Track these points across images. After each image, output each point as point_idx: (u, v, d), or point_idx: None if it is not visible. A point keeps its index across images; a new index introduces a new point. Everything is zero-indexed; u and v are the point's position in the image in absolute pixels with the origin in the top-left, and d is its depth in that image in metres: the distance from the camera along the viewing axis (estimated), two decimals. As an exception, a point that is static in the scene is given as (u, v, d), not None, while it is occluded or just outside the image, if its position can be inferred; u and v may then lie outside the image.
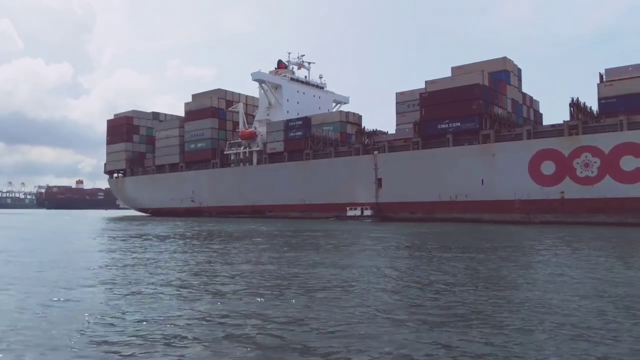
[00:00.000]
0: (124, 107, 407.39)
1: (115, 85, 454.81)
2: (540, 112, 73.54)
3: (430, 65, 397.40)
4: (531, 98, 71.17)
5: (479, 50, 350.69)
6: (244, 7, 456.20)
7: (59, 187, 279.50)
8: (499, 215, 53.68)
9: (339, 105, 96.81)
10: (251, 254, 23.45)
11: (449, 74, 64.32)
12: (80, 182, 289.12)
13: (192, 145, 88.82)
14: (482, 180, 55.40)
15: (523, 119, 66.22)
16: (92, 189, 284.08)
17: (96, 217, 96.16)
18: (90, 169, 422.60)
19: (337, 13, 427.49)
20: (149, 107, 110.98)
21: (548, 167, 51.58)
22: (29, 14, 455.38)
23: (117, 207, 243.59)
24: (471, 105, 56.89)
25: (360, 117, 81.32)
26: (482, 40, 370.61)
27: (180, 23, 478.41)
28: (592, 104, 55.52)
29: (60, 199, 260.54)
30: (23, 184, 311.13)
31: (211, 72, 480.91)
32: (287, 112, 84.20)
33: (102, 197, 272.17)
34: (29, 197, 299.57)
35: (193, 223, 59.97)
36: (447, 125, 58.74)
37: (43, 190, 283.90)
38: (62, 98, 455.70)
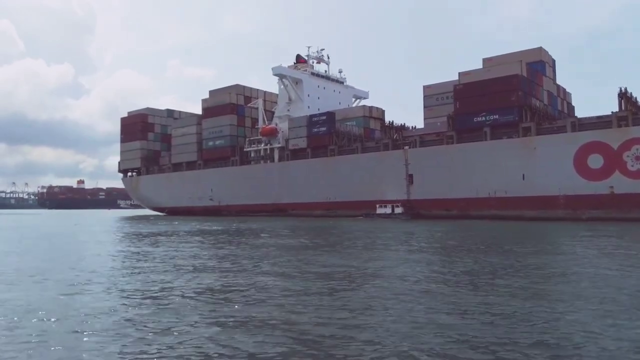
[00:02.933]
0: (124, 108, 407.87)
1: (116, 86, 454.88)
2: (573, 104, 70.94)
3: (434, 63, 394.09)
4: (564, 90, 68.51)
5: (479, 49, 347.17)
6: (244, 7, 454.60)
7: (60, 187, 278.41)
8: (542, 212, 51.05)
9: (358, 100, 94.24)
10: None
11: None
12: (81, 182, 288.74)
13: (211, 143, 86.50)
14: (523, 175, 52.78)
15: (558, 111, 63.62)
16: (93, 189, 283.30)
17: (108, 217, 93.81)
18: (91, 168, 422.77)
19: (335, 12, 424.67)
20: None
21: (595, 161, 48.94)
22: (29, 15, 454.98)
23: (119, 207, 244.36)
24: (510, 97, 54.26)
25: (383, 111, 78.86)
26: (481, 38, 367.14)
27: (180, 23, 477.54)
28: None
29: (62, 199, 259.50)
30: (26, 184, 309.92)
31: (211, 72, 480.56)
32: (308, 107, 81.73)
33: (103, 196, 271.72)
34: (32, 197, 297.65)
35: (232, 223, 57.69)
36: (484, 118, 56.14)
37: (44, 191, 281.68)
38: (63, 98, 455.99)
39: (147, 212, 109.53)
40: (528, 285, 13.28)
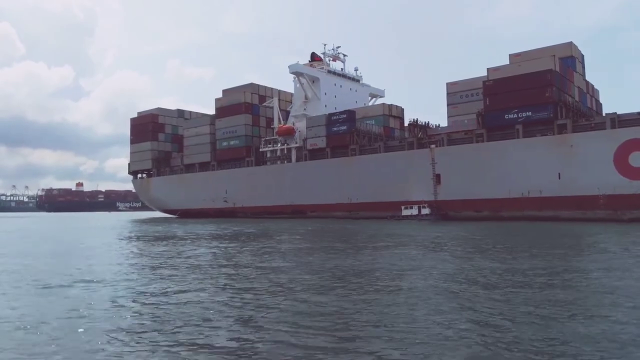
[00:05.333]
0: (123, 109, 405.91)
1: (116, 88, 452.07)
2: (601, 101, 68.80)
3: (438, 61, 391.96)
4: (593, 86, 66.43)
5: (480, 47, 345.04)
6: (243, 7, 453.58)
7: (58, 189, 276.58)
8: (580, 213, 48.91)
9: (374, 99, 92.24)
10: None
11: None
12: (80, 184, 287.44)
13: (225, 143, 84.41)
14: (559, 174, 50.65)
15: (587, 108, 61.50)
16: (91, 192, 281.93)
17: (124, 220, 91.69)
18: (91, 170, 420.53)
19: (334, 12, 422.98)
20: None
21: (638, 159, 46.77)
22: (30, 17, 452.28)
23: (117, 209, 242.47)
24: (544, 93, 52.09)
25: (402, 110, 76.89)
26: (482, 38, 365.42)
27: (180, 24, 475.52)
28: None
29: (61, 202, 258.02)
30: (27, 187, 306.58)
31: (211, 73, 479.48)
32: (325, 106, 79.68)
33: (102, 199, 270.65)
34: (32, 200, 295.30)
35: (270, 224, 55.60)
36: (515, 115, 53.98)
37: (43, 194, 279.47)
38: (63, 101, 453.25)
39: (157, 214, 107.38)
40: None
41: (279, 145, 78.87)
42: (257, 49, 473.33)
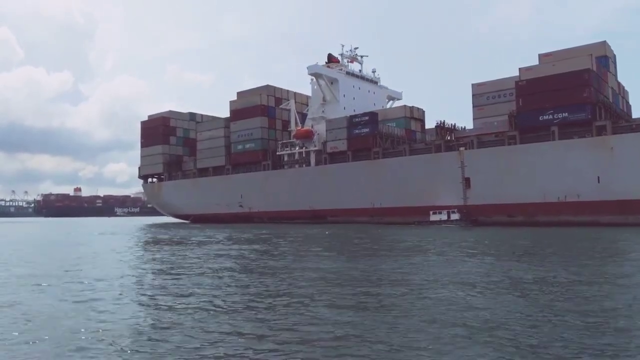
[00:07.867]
0: (123, 114, 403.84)
1: (115, 92, 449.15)
2: (630, 103, 66.92)
3: (440, 62, 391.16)
4: (624, 88, 64.61)
5: (484, 49, 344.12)
6: (243, 12, 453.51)
7: (56, 195, 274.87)
8: (620, 218, 46.85)
9: (392, 101, 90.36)
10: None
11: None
12: (78, 189, 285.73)
13: (240, 146, 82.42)
14: (598, 177, 48.62)
15: (620, 110, 59.59)
16: (89, 197, 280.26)
17: (138, 226, 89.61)
18: (91, 175, 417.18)
19: (333, 14, 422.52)
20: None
21: (684, 161, 44.82)
22: (29, 22, 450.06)
23: (115, 214, 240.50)
24: (582, 93, 50.14)
25: (423, 112, 75.08)
26: (484, 39, 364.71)
27: (180, 27, 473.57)
28: None
29: (58, 207, 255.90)
30: (26, 192, 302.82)
31: (211, 76, 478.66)
32: (344, 108, 77.75)
33: (100, 204, 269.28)
34: (32, 205, 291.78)
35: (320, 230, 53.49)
36: (551, 117, 52.01)
37: (41, 199, 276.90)
38: (62, 106, 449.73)
39: (164, 219, 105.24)
40: None
41: (296, 148, 76.94)
42: (258, 51, 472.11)
